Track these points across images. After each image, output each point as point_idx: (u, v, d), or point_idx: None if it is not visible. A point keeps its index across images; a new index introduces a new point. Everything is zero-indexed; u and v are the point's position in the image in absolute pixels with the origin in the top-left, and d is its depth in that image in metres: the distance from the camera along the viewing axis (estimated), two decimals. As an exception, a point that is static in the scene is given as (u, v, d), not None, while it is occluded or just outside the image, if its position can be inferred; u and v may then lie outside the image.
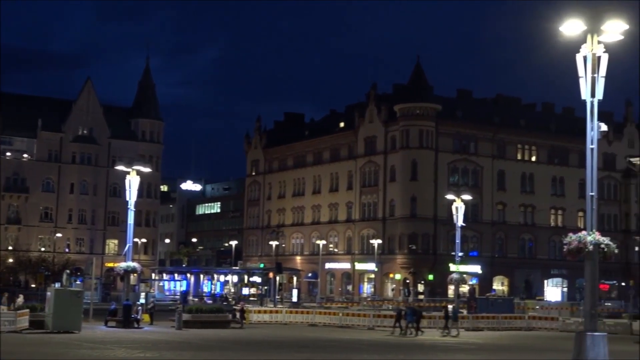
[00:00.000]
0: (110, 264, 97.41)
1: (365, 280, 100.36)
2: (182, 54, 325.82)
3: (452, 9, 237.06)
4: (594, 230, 20.66)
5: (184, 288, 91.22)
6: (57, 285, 72.45)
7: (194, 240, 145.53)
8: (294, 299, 76.47)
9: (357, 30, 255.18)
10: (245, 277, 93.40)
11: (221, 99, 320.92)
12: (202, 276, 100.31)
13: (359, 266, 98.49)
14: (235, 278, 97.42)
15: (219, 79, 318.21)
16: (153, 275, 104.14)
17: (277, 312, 55.74)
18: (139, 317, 44.68)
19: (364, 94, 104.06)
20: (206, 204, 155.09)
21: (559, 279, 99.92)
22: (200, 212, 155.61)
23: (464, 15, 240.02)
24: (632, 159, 72.35)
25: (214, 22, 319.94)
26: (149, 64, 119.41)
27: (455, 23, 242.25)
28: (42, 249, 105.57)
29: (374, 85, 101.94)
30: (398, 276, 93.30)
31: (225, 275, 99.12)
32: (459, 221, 59.06)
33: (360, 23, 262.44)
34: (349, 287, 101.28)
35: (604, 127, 21.26)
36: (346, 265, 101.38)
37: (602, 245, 20.62)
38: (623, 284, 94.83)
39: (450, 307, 48.91)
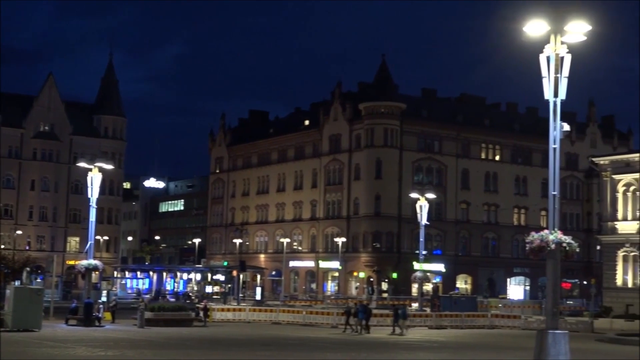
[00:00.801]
0: (72, 262, 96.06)
1: (329, 278, 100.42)
2: (145, 50, 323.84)
3: (417, 8, 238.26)
4: (556, 229, 20.74)
5: (146, 286, 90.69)
6: (17, 283, 71.46)
7: (157, 238, 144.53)
8: (258, 297, 76.40)
9: (323, 29, 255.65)
10: (209, 275, 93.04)
11: (185, 95, 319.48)
12: (165, 274, 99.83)
13: (323, 264, 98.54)
14: (198, 276, 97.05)
15: (183, 76, 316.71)
16: (115, 273, 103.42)
17: (240, 310, 55.58)
18: (100, 315, 44.19)
19: (329, 92, 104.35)
20: (169, 202, 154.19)
21: (522, 278, 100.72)
22: (163, 210, 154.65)
23: (429, 14, 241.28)
24: (594, 159, 73.13)
25: (178, 18, 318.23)
26: (112, 60, 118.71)
27: (421, 22, 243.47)
28: (2, 247, 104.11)
29: (339, 84, 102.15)
30: (362, 274, 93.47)
31: (189, 273, 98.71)
32: (423, 220, 59.25)
33: (326, 21, 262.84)
34: (313, 285, 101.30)
35: (566, 127, 21.33)
36: (310, 264, 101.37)
37: (564, 244, 20.70)
38: (585, 282, 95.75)
39: (400, 306, 48.95)
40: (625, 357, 34.03)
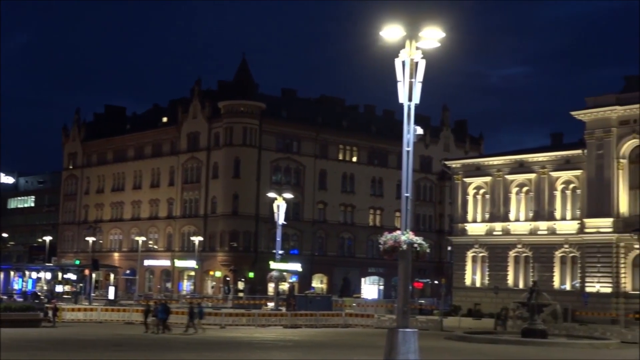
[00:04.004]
0: None
1: (185, 277, 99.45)
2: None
3: (279, 8, 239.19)
4: (408, 230, 21.19)
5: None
6: None
7: (5, 235, 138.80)
8: (111, 296, 74.61)
9: (183, 25, 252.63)
10: (59, 274, 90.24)
11: (37, 87, 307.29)
12: (12, 273, 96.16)
13: (179, 263, 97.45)
14: (48, 275, 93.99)
15: (34, 67, 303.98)
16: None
17: (92, 310, 54.25)
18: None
19: (189, 90, 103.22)
20: (19, 198, 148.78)
21: (376, 277, 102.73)
22: (12, 206, 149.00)
23: (290, 14, 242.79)
24: (446, 162, 75.51)
25: (26, 5, 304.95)
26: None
27: (282, 22, 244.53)
28: None
29: (198, 81, 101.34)
30: (218, 274, 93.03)
31: (38, 272, 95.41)
32: (280, 219, 59.53)
33: (187, 17, 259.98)
34: (168, 285, 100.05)
35: (420, 131, 21.82)
36: (166, 262, 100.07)
37: (415, 245, 21.16)
38: (436, 282, 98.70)
39: (195, 304, 48.86)
40: (471, 354, 35.23)
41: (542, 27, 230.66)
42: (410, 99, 21.40)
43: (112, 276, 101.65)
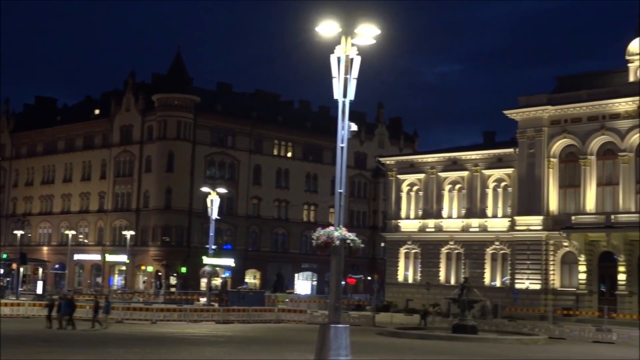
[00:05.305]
0: None
1: (116, 272, 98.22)
2: None
3: (215, 1, 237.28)
4: (341, 226, 21.20)
5: None
6: None
7: None
8: (39, 291, 73.13)
9: (117, 16, 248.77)
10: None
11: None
12: None
13: (110, 258, 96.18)
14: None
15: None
16: None
17: (19, 305, 53.12)
18: None
19: (122, 82, 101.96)
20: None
21: (310, 273, 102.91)
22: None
23: (226, 8, 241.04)
24: (381, 159, 76.01)
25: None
26: None
27: (218, 16, 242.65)
28: None
29: (132, 73, 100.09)
30: (150, 268, 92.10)
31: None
32: (214, 214, 59.15)
33: (121, 8, 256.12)
34: (99, 279, 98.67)
35: (354, 127, 21.84)
36: (96, 257, 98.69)
37: (348, 241, 21.20)
38: (369, 278, 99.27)
39: (102, 298, 48.47)
40: (402, 349, 35.46)
41: (476, 25, 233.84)
42: (345, 95, 21.41)
43: (40, 270, 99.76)
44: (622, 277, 56.30)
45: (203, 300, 67.40)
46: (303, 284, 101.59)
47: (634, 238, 56.47)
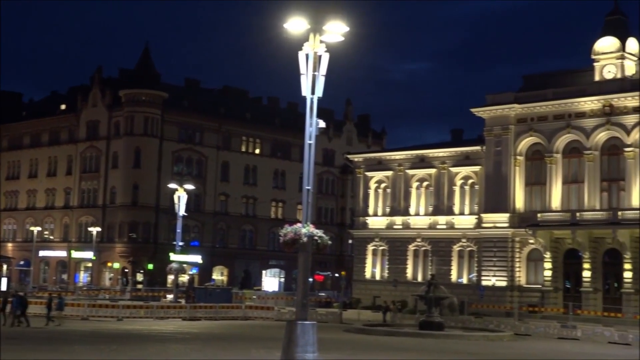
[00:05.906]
0: None
1: (82, 268, 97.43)
2: None
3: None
4: (308, 222, 21.20)
5: None
6: None
7: None
8: (3, 288, 72.29)
9: (84, 10, 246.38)
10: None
11: None
12: None
13: (76, 254, 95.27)
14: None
15: None
16: None
17: (-18, 302, 52.32)
18: None
19: (89, 77, 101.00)
20: None
21: (277, 270, 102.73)
22: None
23: (194, 3, 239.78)
24: (349, 156, 76.12)
25: None
26: None
27: (185, 11, 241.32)
28: None
29: (99, 69, 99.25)
30: (117, 265, 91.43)
31: None
32: (181, 210, 58.91)
33: (88, 2, 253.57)
34: (64, 276, 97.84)
35: (322, 124, 21.86)
36: (62, 253, 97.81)
37: (316, 237, 21.21)
38: (337, 274, 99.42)
39: (55, 295, 48.24)
40: (369, 346, 35.58)
41: (444, 23, 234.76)
42: (313, 92, 21.41)
43: (4, 267, 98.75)
44: (586, 274, 56.89)
45: (170, 297, 67.09)
46: (270, 281, 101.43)
47: (598, 235, 57.14)
